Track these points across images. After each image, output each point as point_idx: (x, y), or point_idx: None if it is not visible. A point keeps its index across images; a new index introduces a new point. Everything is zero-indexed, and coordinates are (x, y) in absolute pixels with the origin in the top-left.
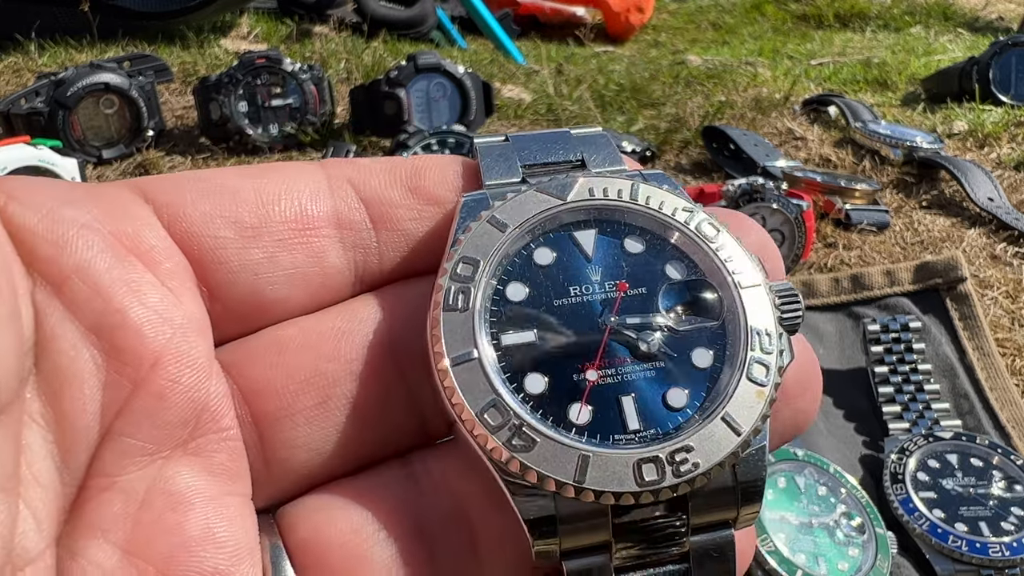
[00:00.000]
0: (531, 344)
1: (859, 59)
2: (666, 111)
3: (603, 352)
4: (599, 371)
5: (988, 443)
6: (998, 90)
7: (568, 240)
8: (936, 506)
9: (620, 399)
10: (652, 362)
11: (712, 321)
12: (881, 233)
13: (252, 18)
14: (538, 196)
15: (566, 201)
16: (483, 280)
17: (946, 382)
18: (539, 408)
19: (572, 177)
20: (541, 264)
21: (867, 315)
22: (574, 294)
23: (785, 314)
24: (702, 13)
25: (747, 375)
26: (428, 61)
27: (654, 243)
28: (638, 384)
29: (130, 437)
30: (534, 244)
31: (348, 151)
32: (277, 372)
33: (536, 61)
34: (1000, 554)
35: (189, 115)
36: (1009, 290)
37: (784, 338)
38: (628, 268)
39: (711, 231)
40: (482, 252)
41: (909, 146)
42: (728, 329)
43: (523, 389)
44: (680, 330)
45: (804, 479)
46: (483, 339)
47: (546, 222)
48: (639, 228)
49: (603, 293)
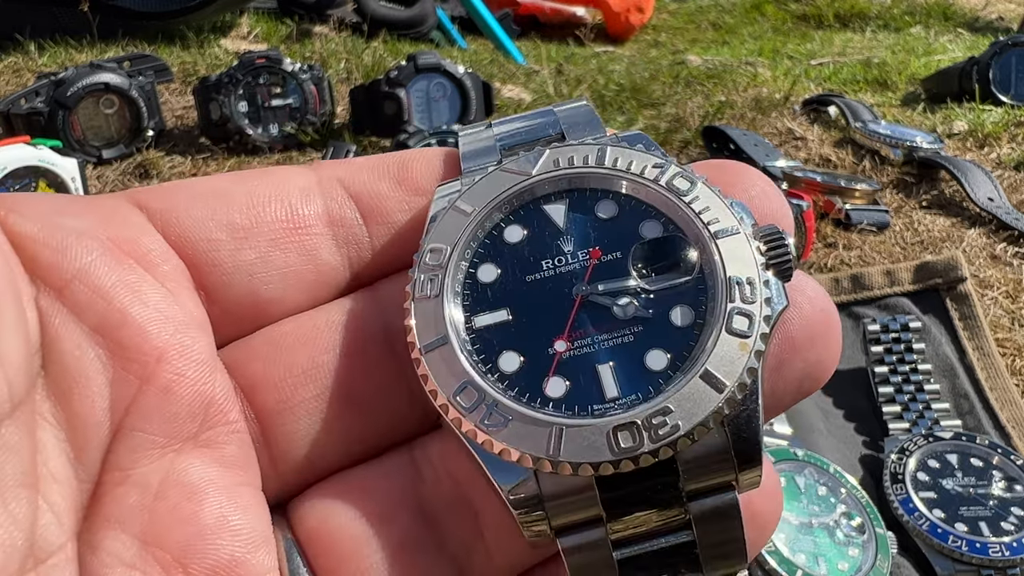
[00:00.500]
0: (504, 323)
1: (859, 59)
2: (666, 111)
3: (573, 323)
4: (571, 342)
5: (988, 443)
6: (998, 90)
7: (538, 214)
8: (936, 506)
9: (597, 368)
10: (629, 327)
11: (688, 276)
12: (881, 233)
13: (252, 18)
14: (503, 175)
15: (531, 175)
16: (452, 265)
17: (946, 382)
18: (515, 386)
19: (539, 151)
20: (512, 242)
21: (867, 315)
22: (546, 268)
23: (772, 259)
24: (702, 13)
25: (727, 327)
26: (428, 61)
27: (626, 205)
28: (616, 351)
29: (141, 431)
30: (504, 223)
31: (348, 151)
32: (275, 367)
33: (536, 61)
34: (1000, 554)
35: (189, 115)
36: (1009, 290)
37: (773, 284)
38: (601, 234)
39: (684, 184)
40: (448, 238)
41: (909, 146)
42: (707, 283)
43: (498, 368)
44: (656, 290)
45: (804, 479)
46: (453, 323)
47: (514, 199)
48: (610, 192)
49: (576, 263)
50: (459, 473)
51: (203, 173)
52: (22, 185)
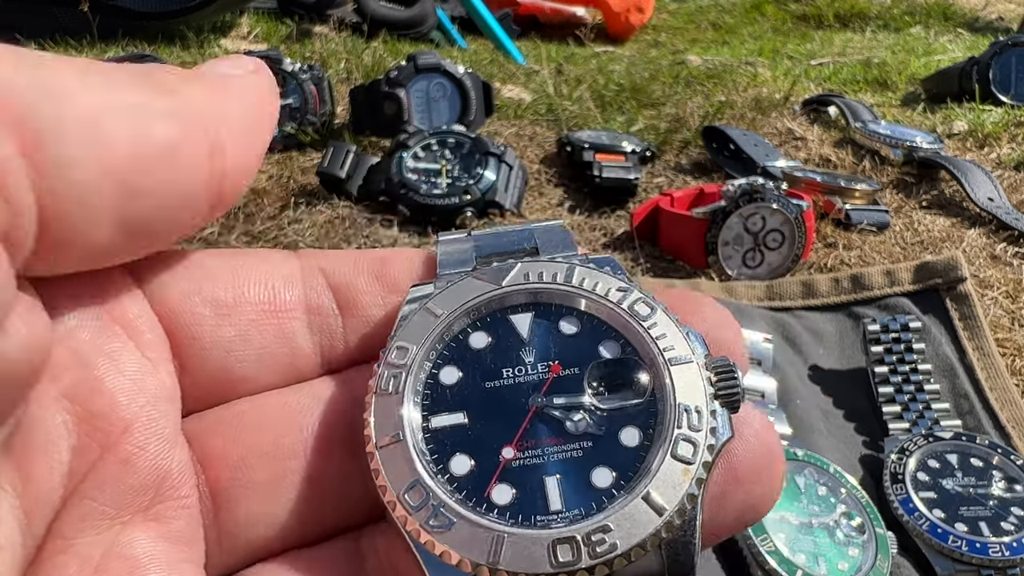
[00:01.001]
0: (460, 426)
1: (859, 59)
2: (666, 111)
3: (524, 433)
4: (521, 452)
5: (988, 443)
6: (998, 90)
7: (504, 323)
8: (936, 506)
9: (544, 479)
10: (579, 442)
11: (640, 399)
12: (881, 233)
13: (252, 18)
14: (475, 283)
15: (501, 286)
16: (415, 365)
17: (946, 382)
18: (463, 489)
19: (511, 263)
20: (476, 348)
21: (867, 315)
22: (506, 376)
23: (721, 390)
24: (702, 13)
25: (672, 453)
26: (428, 61)
27: (588, 324)
28: (564, 464)
29: (93, 500)
30: (471, 329)
31: (348, 151)
32: (236, 445)
33: (536, 61)
34: (1000, 554)
35: None
36: (1009, 290)
37: (720, 415)
38: (562, 349)
39: (644, 310)
40: (415, 338)
41: (909, 146)
42: (657, 407)
43: (449, 470)
44: (608, 409)
45: (804, 479)
46: (410, 422)
47: (483, 307)
48: (574, 310)
49: (535, 375)
50: (401, 567)
51: None
52: None
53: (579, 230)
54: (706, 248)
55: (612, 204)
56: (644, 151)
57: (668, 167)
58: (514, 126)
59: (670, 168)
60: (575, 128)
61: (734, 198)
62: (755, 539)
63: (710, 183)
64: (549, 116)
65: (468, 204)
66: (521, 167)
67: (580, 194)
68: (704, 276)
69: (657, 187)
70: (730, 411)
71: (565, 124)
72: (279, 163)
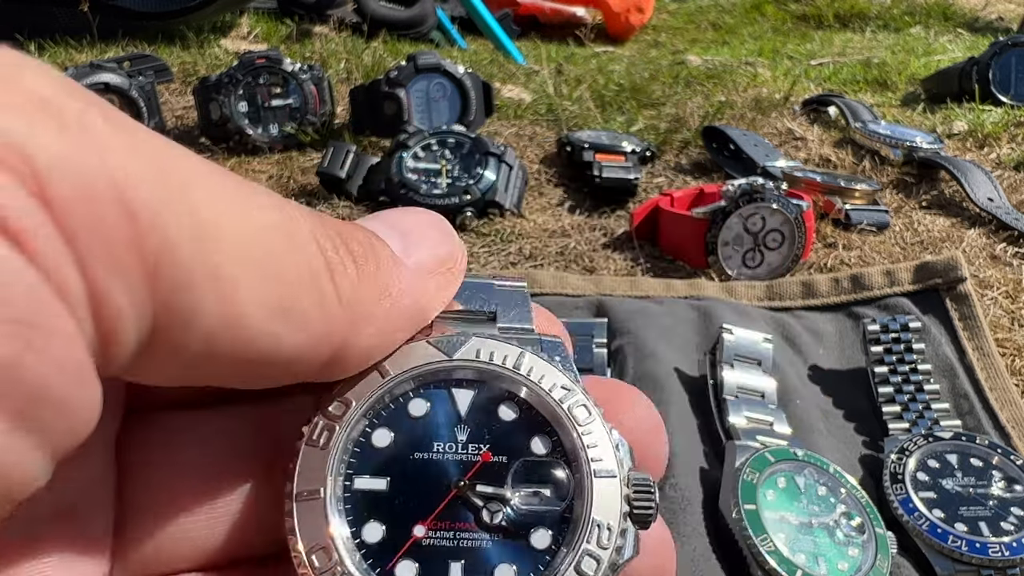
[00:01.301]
0: (380, 492)
1: (859, 59)
2: (666, 111)
3: (440, 512)
4: (433, 531)
5: (988, 443)
6: (998, 90)
7: (445, 396)
8: (936, 506)
9: (449, 563)
10: (491, 533)
11: (558, 504)
12: (881, 233)
13: (252, 18)
14: (428, 349)
15: (452, 359)
16: (352, 421)
17: (946, 382)
18: (370, 557)
19: (465, 336)
20: (413, 415)
21: (867, 315)
22: (436, 450)
23: (636, 508)
24: (702, 13)
25: (576, 566)
26: (428, 61)
27: (526, 414)
28: (472, 552)
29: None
30: (413, 395)
31: (348, 151)
32: (160, 468)
33: (536, 61)
34: (1000, 554)
35: (189, 115)
36: (1009, 290)
37: (630, 533)
38: (495, 435)
39: (583, 414)
40: (357, 395)
41: (909, 146)
42: (573, 515)
43: (360, 535)
44: (526, 508)
45: (804, 479)
46: (332, 479)
47: (429, 375)
48: (516, 396)
49: (464, 455)
50: None
51: None
52: None
53: (579, 230)
54: (706, 248)
55: (612, 204)
56: (644, 151)
57: (668, 167)
58: (514, 126)
59: (670, 168)
60: (575, 128)
61: (734, 198)
62: (755, 539)
63: (710, 183)
64: (549, 116)
65: (468, 204)
66: (521, 167)
67: (580, 194)
68: (704, 276)
69: (657, 187)
70: (642, 528)
71: (565, 124)
72: (279, 163)
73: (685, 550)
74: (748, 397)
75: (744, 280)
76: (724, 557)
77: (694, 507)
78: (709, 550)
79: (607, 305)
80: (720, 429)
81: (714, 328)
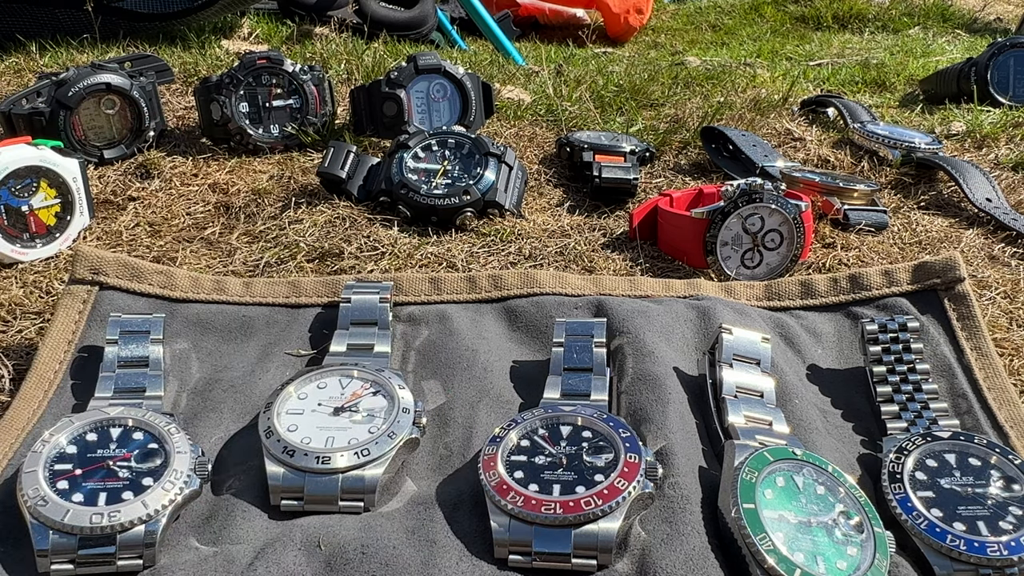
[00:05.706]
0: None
1: (857, 60)
2: (665, 112)
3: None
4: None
5: (986, 443)
6: (996, 91)
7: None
8: (934, 505)
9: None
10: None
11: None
12: (879, 234)
13: (253, 19)
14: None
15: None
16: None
17: (944, 382)
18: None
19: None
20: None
21: (865, 315)
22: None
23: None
24: (701, 15)
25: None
26: (428, 62)
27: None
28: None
29: None
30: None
31: (349, 151)
32: None
33: (536, 62)
34: (998, 553)
35: (190, 115)
36: (1007, 290)
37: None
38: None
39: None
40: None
41: (907, 147)
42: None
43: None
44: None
45: (803, 478)
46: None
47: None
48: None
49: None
50: None
51: (204, 173)
52: (23, 185)
53: (579, 230)
54: (705, 248)
55: (612, 204)
56: (643, 152)
57: (667, 167)
58: (514, 127)
59: (669, 168)
60: (575, 129)
61: (733, 198)
62: (754, 538)
63: (709, 183)
64: (549, 117)
65: (468, 204)
66: (521, 167)
67: (580, 194)
68: (703, 276)
69: (656, 187)
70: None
71: (565, 125)
72: (279, 163)
73: (684, 549)
74: (747, 396)
75: (743, 280)
76: (723, 556)
77: (693, 506)
78: (708, 549)
79: (607, 305)
80: (719, 428)
81: (713, 328)
